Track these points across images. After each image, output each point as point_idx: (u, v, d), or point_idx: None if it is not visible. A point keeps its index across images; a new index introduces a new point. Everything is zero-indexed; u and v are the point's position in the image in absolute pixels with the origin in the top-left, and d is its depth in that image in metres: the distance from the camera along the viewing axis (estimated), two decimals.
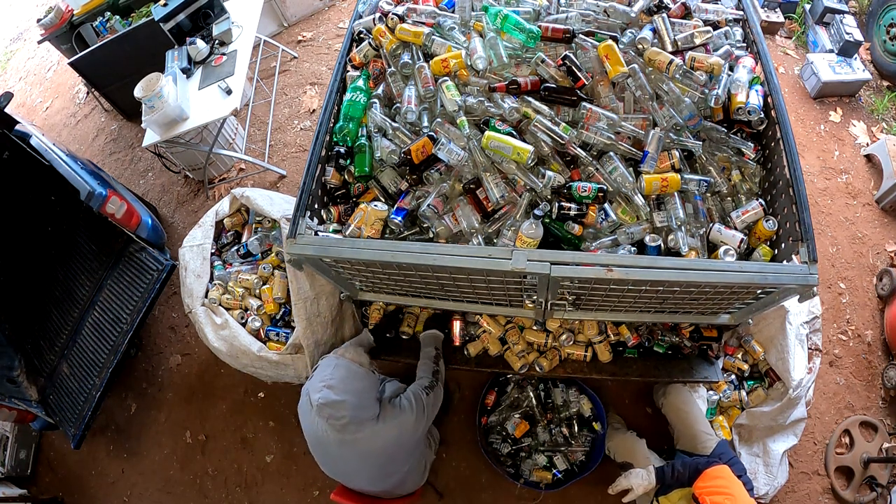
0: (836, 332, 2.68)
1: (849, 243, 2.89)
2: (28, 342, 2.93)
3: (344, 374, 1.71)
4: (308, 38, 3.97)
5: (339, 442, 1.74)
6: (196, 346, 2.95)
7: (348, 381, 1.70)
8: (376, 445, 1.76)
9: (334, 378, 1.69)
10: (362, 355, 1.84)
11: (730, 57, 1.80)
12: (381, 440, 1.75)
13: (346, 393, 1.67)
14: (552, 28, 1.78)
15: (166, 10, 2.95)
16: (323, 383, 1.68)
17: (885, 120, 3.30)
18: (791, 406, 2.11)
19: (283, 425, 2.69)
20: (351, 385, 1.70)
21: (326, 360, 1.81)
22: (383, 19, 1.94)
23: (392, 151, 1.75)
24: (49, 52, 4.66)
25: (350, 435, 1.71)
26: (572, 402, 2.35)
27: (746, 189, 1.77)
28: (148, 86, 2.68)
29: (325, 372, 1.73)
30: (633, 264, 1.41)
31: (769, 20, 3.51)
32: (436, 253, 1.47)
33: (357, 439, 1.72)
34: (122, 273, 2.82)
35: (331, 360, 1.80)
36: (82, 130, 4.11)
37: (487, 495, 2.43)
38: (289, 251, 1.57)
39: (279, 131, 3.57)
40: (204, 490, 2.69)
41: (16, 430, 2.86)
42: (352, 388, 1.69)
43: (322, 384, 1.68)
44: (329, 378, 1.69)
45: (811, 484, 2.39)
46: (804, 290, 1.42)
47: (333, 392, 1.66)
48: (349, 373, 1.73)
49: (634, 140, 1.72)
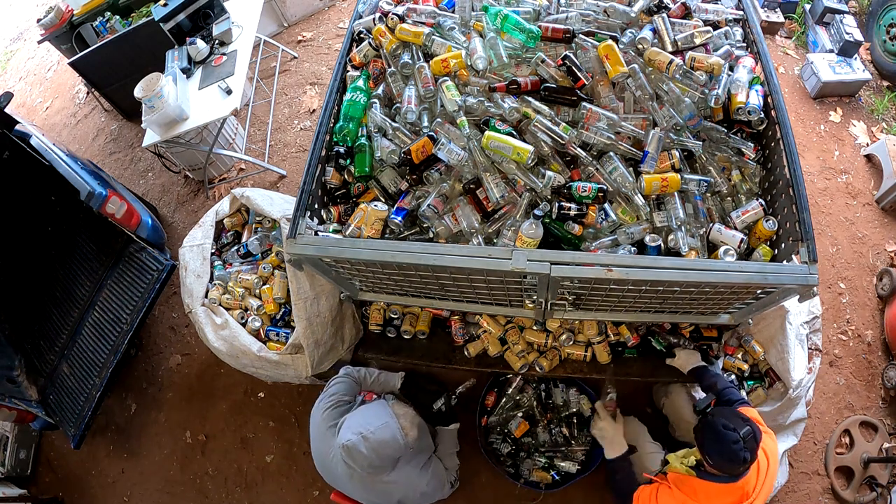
0: (836, 332, 2.68)
1: (849, 243, 2.89)
2: (28, 342, 2.93)
3: (386, 439, 1.68)
4: (308, 38, 3.97)
5: (349, 474, 1.76)
6: (196, 346, 2.95)
7: (383, 446, 1.68)
8: (380, 488, 1.78)
9: (375, 435, 1.66)
10: (414, 428, 1.79)
11: (730, 57, 1.81)
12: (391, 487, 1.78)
13: (374, 453, 1.66)
14: (552, 28, 1.78)
15: (166, 10, 2.95)
16: (362, 431, 1.66)
17: (885, 120, 3.30)
18: (791, 406, 2.11)
19: (283, 425, 2.69)
20: (384, 450, 1.68)
21: (382, 408, 1.78)
22: (383, 19, 1.94)
23: (392, 151, 1.75)
24: (49, 52, 4.66)
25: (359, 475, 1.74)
26: (572, 402, 2.35)
27: (746, 189, 1.77)
28: (148, 86, 2.68)
29: (372, 423, 1.70)
30: (633, 264, 1.42)
31: (769, 20, 3.51)
32: (436, 253, 1.47)
33: (365, 477, 1.74)
34: (122, 273, 2.82)
35: (384, 412, 1.76)
36: (82, 130, 4.11)
37: (487, 495, 2.43)
38: (289, 251, 1.57)
39: (279, 131, 3.57)
40: (204, 490, 2.69)
41: (16, 430, 2.86)
42: (383, 453, 1.68)
43: (360, 431, 1.66)
44: (371, 432, 1.66)
45: (811, 484, 2.39)
46: (804, 290, 1.42)
47: (364, 445, 1.64)
48: (391, 440, 1.69)
49: (634, 140, 1.72)
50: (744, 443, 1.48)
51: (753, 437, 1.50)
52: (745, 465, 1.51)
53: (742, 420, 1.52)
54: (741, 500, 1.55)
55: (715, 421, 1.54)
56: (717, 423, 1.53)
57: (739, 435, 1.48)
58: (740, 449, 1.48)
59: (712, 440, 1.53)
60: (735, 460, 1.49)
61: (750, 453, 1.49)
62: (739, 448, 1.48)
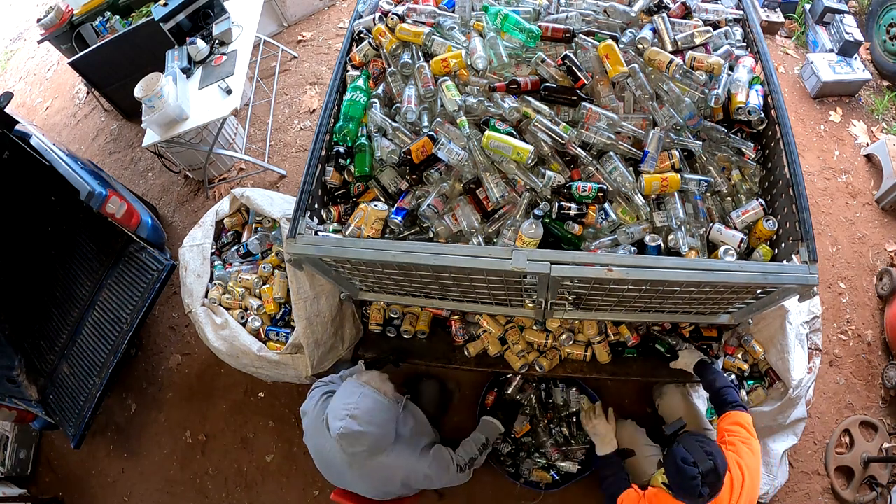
0: (836, 332, 2.68)
1: (849, 243, 2.89)
2: (28, 342, 2.93)
3: (370, 406, 1.67)
4: (308, 38, 3.97)
5: (347, 463, 1.74)
6: (196, 346, 2.95)
7: (374, 413, 1.65)
8: (382, 474, 1.76)
9: (360, 408, 1.64)
10: (386, 383, 1.79)
11: (730, 57, 1.80)
12: (390, 472, 1.76)
13: (370, 425, 1.63)
14: (552, 28, 1.78)
15: (166, 10, 2.94)
16: (346, 412, 1.63)
17: (885, 120, 3.30)
18: (791, 406, 2.11)
19: (283, 425, 2.69)
20: (376, 417, 1.66)
21: (351, 385, 1.76)
22: (383, 19, 1.94)
23: (392, 151, 1.75)
24: (49, 52, 4.66)
25: (359, 462, 1.72)
26: (572, 401, 2.35)
27: (746, 189, 1.77)
28: (148, 86, 2.68)
29: (350, 400, 1.67)
30: (633, 264, 1.42)
31: (769, 20, 3.51)
32: (436, 253, 1.47)
33: (365, 464, 1.73)
34: (122, 273, 2.82)
35: (355, 386, 1.74)
36: (82, 130, 4.11)
37: (487, 495, 2.43)
38: (289, 251, 1.57)
39: (279, 131, 3.57)
40: (204, 490, 2.69)
41: (16, 430, 2.86)
42: (376, 420, 1.66)
43: (345, 412, 1.63)
44: (354, 408, 1.64)
45: (811, 484, 2.39)
46: (804, 289, 1.42)
47: (357, 423, 1.61)
48: (375, 404, 1.68)
49: (634, 140, 1.72)
50: (702, 478, 1.48)
51: (715, 472, 1.49)
52: (702, 499, 1.51)
53: (707, 454, 1.51)
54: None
55: (676, 452, 1.55)
56: (677, 455, 1.53)
57: (699, 471, 1.48)
58: (697, 485, 1.48)
59: (671, 472, 1.55)
60: (692, 494, 1.50)
61: (709, 488, 1.49)
62: (697, 484, 1.48)
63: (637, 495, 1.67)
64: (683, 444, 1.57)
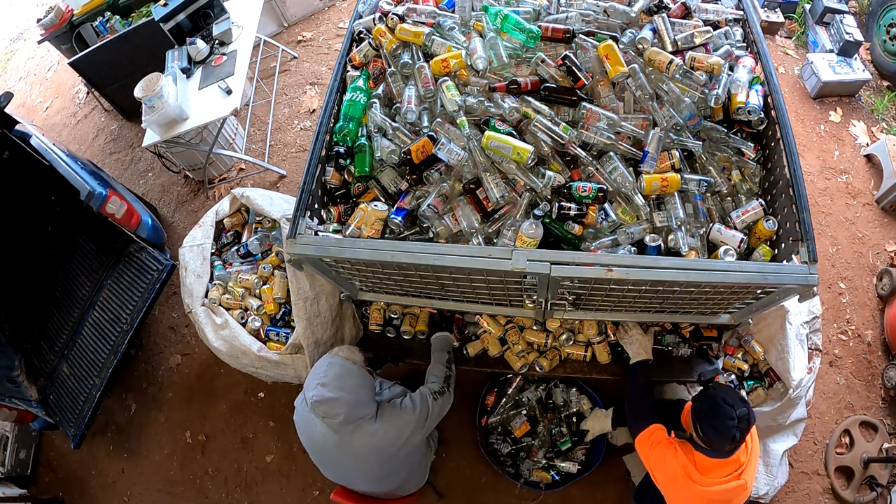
0: (836, 332, 2.68)
1: (849, 243, 2.89)
2: (28, 342, 2.93)
3: (338, 372, 1.72)
4: (308, 38, 3.97)
5: (336, 443, 1.74)
6: (196, 346, 2.95)
7: (342, 379, 1.70)
8: (373, 445, 1.75)
9: (328, 376, 1.70)
10: (355, 353, 1.84)
11: (730, 57, 1.80)
12: (379, 440, 1.74)
13: (340, 390, 1.67)
14: (552, 28, 1.78)
15: (166, 10, 2.95)
16: (317, 381, 1.69)
17: (885, 120, 3.30)
18: (791, 406, 2.11)
19: (283, 425, 2.69)
20: (345, 382, 1.70)
21: (321, 360, 1.82)
22: (383, 19, 1.94)
23: (392, 151, 1.75)
24: (49, 52, 4.66)
25: (347, 435, 1.71)
26: (572, 401, 2.35)
27: (746, 189, 1.77)
28: (148, 86, 2.68)
29: (319, 370, 1.74)
30: (633, 264, 1.42)
31: (769, 20, 3.51)
32: (436, 253, 1.47)
33: (354, 439, 1.72)
34: (122, 273, 2.82)
35: (324, 359, 1.80)
36: (82, 130, 4.11)
37: (487, 495, 2.43)
38: (289, 251, 1.57)
39: (279, 131, 3.57)
40: (204, 490, 2.69)
41: (16, 430, 2.86)
42: (346, 385, 1.69)
43: (316, 382, 1.68)
44: (323, 376, 1.70)
45: (811, 484, 2.39)
46: (804, 290, 1.42)
47: (328, 389, 1.66)
48: (343, 370, 1.73)
49: (634, 140, 1.72)
50: (738, 421, 1.49)
51: (748, 418, 1.51)
52: (734, 443, 1.52)
53: (741, 400, 1.53)
54: (735, 468, 1.58)
55: (716, 394, 1.55)
56: (717, 396, 1.54)
57: (736, 413, 1.49)
58: (734, 427, 1.49)
59: (709, 412, 1.55)
60: (725, 436, 1.51)
61: (740, 433, 1.51)
62: (733, 426, 1.49)
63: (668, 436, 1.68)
64: (721, 390, 1.57)
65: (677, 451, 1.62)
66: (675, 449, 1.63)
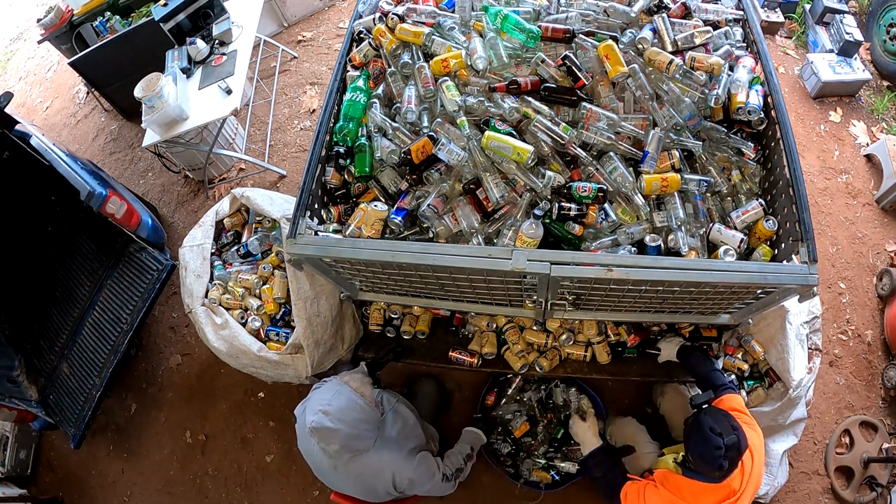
0: (836, 332, 2.68)
1: (849, 243, 2.89)
2: (28, 342, 2.93)
3: (343, 404, 1.69)
4: (308, 38, 3.97)
5: (330, 465, 1.75)
6: (196, 346, 2.95)
7: (346, 412, 1.68)
8: (365, 476, 1.76)
9: (332, 405, 1.67)
10: (365, 386, 1.81)
11: (730, 57, 1.80)
12: (372, 473, 1.75)
13: (341, 422, 1.65)
14: (552, 28, 1.78)
15: (166, 10, 2.94)
16: (320, 407, 1.66)
17: (885, 120, 3.30)
18: (791, 406, 2.10)
19: (283, 425, 2.69)
20: (348, 415, 1.68)
21: (330, 383, 1.79)
22: (383, 19, 1.94)
23: (392, 151, 1.75)
24: (49, 52, 4.66)
25: (343, 463, 1.72)
26: (572, 401, 2.35)
27: (746, 189, 1.77)
28: (148, 86, 2.68)
29: (325, 396, 1.71)
30: (633, 264, 1.42)
31: (769, 20, 3.51)
32: (436, 253, 1.47)
33: (350, 467, 1.73)
34: (122, 273, 2.82)
35: (333, 384, 1.77)
36: (82, 130, 4.11)
37: (487, 495, 2.43)
38: (289, 251, 1.57)
39: (279, 131, 3.57)
40: (204, 490, 2.69)
41: (16, 430, 2.86)
42: (348, 419, 1.67)
43: (319, 408, 1.66)
44: (327, 404, 1.67)
45: (811, 484, 2.39)
46: (804, 290, 1.42)
47: (328, 419, 1.63)
48: (349, 403, 1.70)
49: (634, 140, 1.72)
50: (725, 451, 1.47)
51: (737, 447, 1.49)
52: (722, 472, 1.50)
53: (732, 428, 1.51)
54: (727, 497, 1.55)
55: (703, 420, 1.53)
56: (704, 424, 1.52)
57: (723, 442, 1.47)
58: (720, 456, 1.47)
59: (696, 440, 1.53)
60: (712, 465, 1.49)
61: (729, 462, 1.48)
62: (720, 455, 1.47)
63: (639, 483, 1.67)
64: (710, 415, 1.55)
65: (658, 488, 1.61)
66: (654, 488, 1.62)
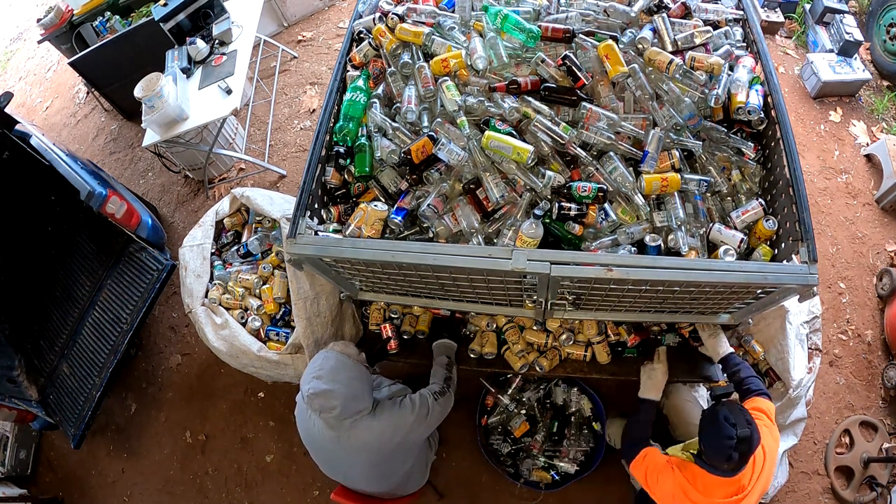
0: (836, 332, 2.68)
1: (849, 243, 2.89)
2: (28, 342, 2.93)
3: (333, 365, 1.72)
4: (308, 38, 3.97)
5: (334, 439, 1.74)
6: (196, 346, 2.95)
7: (337, 372, 1.70)
8: (371, 441, 1.75)
9: (323, 369, 1.70)
10: (349, 347, 1.84)
11: (730, 57, 1.80)
12: (376, 436, 1.74)
13: (335, 382, 1.67)
14: (552, 28, 1.78)
15: (166, 10, 2.95)
16: (312, 374, 1.69)
17: (885, 120, 3.30)
18: (791, 406, 2.11)
19: (283, 425, 2.69)
20: (340, 375, 1.70)
21: (316, 356, 1.82)
22: (383, 19, 1.94)
23: (392, 151, 1.75)
24: (49, 52, 4.66)
25: (344, 431, 1.71)
26: (572, 401, 2.35)
27: (746, 189, 1.77)
28: (148, 86, 2.68)
29: (314, 364, 1.74)
30: (633, 264, 1.41)
31: (769, 20, 3.51)
32: (436, 253, 1.47)
33: (351, 435, 1.72)
34: (122, 273, 2.82)
35: (319, 354, 1.80)
36: (82, 130, 4.12)
37: (487, 495, 2.43)
38: (289, 251, 1.57)
39: (279, 131, 3.57)
40: (204, 490, 2.69)
41: (16, 430, 2.86)
42: (341, 378, 1.69)
43: (312, 375, 1.69)
44: (318, 369, 1.70)
45: (811, 484, 2.39)
46: (804, 289, 1.42)
47: (322, 382, 1.66)
48: (338, 363, 1.73)
49: (634, 140, 1.72)
50: (737, 442, 1.47)
51: (749, 441, 1.48)
52: (730, 463, 1.50)
53: (747, 422, 1.51)
54: (736, 492, 1.55)
55: (719, 411, 1.54)
56: (719, 413, 1.52)
57: (736, 433, 1.47)
58: (730, 447, 1.47)
59: (710, 429, 1.54)
60: (721, 455, 1.49)
61: (740, 455, 1.48)
62: (730, 445, 1.47)
63: (661, 457, 1.67)
64: (727, 407, 1.56)
65: (674, 471, 1.61)
66: (671, 469, 1.62)
